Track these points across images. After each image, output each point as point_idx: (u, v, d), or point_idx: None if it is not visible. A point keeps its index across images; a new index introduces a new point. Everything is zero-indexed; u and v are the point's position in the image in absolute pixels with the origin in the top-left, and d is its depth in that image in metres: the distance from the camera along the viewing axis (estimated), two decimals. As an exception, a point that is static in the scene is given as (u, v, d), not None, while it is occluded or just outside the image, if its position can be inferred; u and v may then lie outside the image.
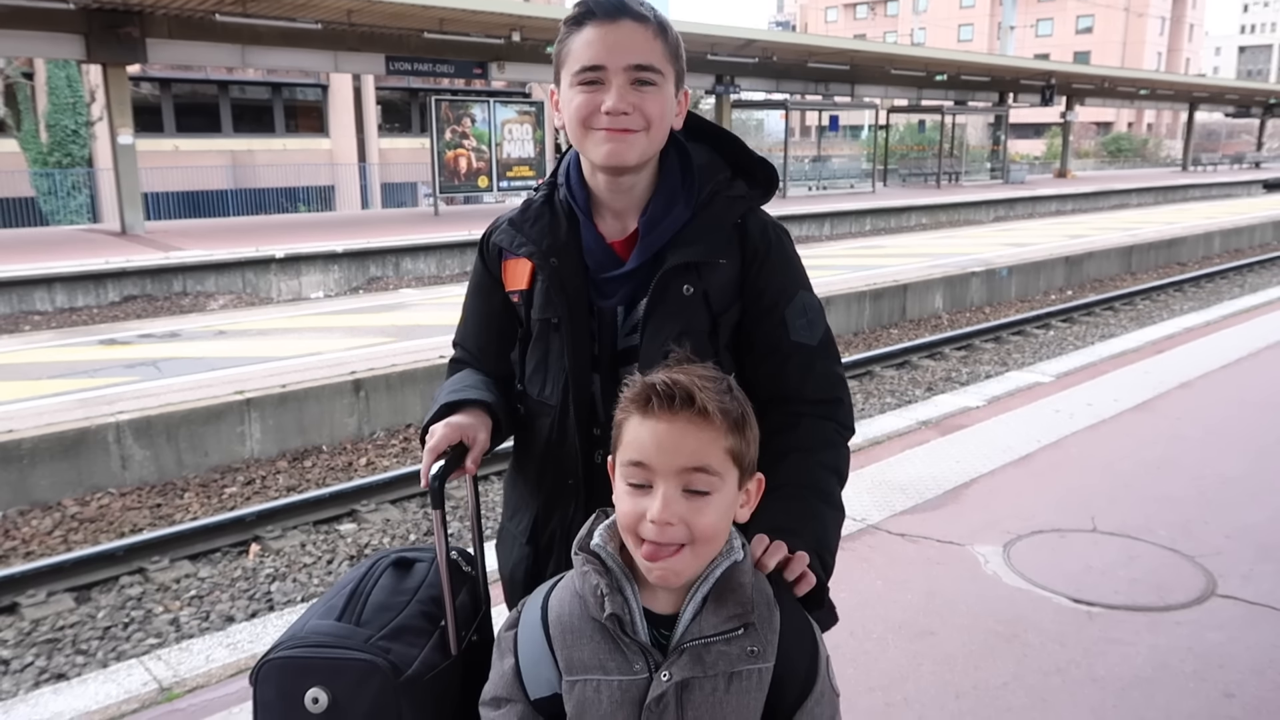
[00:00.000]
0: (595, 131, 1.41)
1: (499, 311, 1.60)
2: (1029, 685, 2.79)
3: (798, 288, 1.53)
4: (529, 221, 1.53)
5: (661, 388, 1.16)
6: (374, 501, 6.04)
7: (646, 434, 1.16)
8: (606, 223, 1.51)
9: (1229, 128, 58.04)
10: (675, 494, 1.15)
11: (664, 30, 1.42)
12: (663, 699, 1.16)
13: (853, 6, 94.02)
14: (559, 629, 1.22)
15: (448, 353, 1.76)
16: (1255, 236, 20.95)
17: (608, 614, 1.19)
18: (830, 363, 1.54)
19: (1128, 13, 73.37)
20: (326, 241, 14.85)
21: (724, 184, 1.52)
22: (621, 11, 1.39)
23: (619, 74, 1.39)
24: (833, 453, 1.51)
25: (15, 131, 23.39)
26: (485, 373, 1.62)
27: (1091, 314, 12.66)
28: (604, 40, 1.39)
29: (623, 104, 1.39)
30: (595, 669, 1.19)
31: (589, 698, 1.18)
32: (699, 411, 1.15)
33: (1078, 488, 4.46)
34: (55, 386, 7.05)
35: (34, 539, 5.55)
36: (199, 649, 3.20)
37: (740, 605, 1.20)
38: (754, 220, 1.52)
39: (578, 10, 1.42)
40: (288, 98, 29.51)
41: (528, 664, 1.24)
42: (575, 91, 1.42)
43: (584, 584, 1.22)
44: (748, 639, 1.19)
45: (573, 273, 1.49)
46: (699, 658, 1.17)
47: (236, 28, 16.52)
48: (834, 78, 27.06)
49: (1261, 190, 37.18)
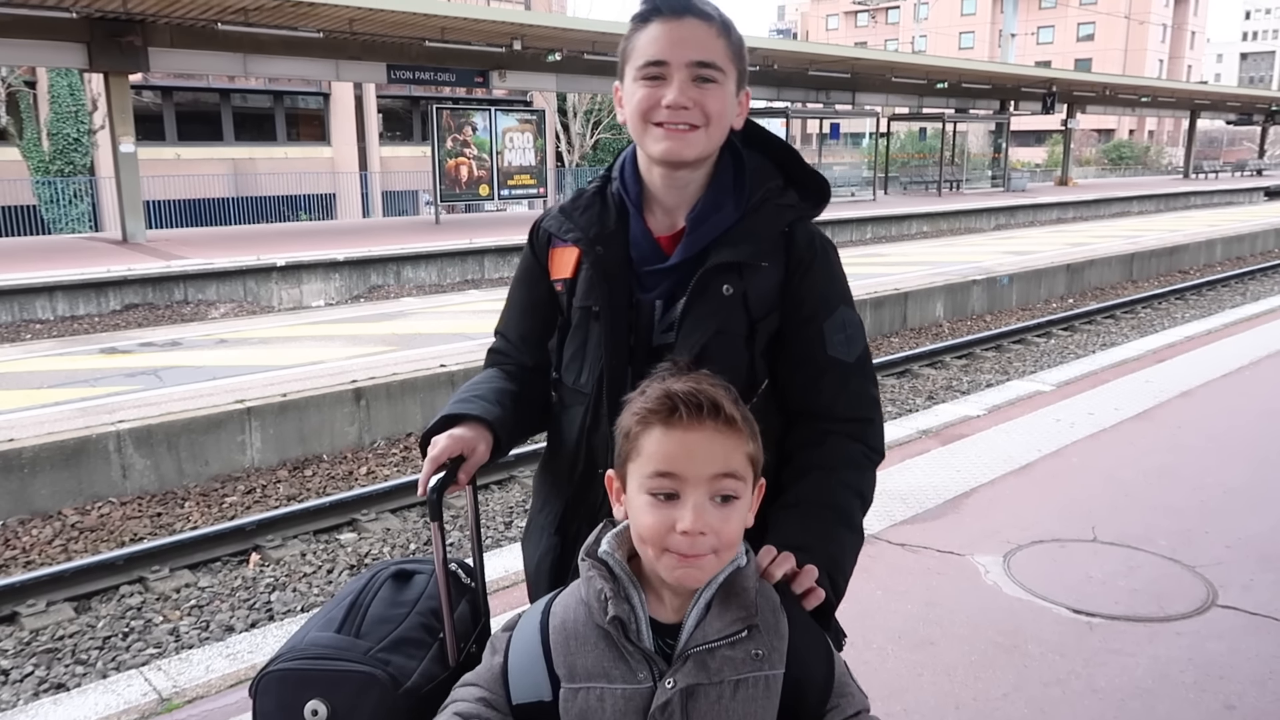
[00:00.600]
0: (655, 127, 1.44)
1: (543, 300, 1.61)
2: (1029, 696, 2.79)
3: (839, 302, 1.53)
4: (579, 210, 1.55)
5: (687, 397, 1.17)
6: (374, 511, 6.04)
7: (674, 444, 1.16)
8: (656, 217, 1.53)
9: (1231, 135, 58.13)
10: (705, 503, 1.16)
11: (727, 29, 1.45)
12: (667, 707, 1.16)
13: (854, 14, 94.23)
14: (561, 635, 1.21)
15: (448, 361, 1.77)
16: (1257, 244, 20.96)
17: (610, 617, 1.18)
18: (865, 382, 1.53)
19: (1129, 20, 73.49)
20: (327, 250, 14.87)
21: (775, 192, 1.53)
22: (686, 9, 1.42)
23: (681, 69, 1.41)
24: (857, 474, 1.49)
25: (17, 140, 23.48)
26: (523, 363, 1.64)
27: (1093, 322, 12.66)
28: (668, 36, 1.42)
29: (683, 98, 1.41)
30: (599, 677, 1.18)
31: (592, 707, 1.17)
32: (725, 420, 1.17)
33: (1078, 497, 4.45)
34: (56, 395, 7.06)
35: (34, 548, 5.55)
36: (199, 659, 3.20)
37: (744, 609, 1.20)
38: (802, 230, 1.53)
39: (644, 8, 1.46)
40: (289, 106, 29.58)
41: (517, 667, 1.23)
42: (638, 86, 1.44)
43: (589, 590, 1.22)
44: (752, 642, 1.19)
45: (617, 262, 1.50)
46: (703, 664, 1.17)
47: (238, 36, 16.58)
48: (835, 85, 27.12)
49: (1263, 198, 37.17)
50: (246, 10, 15.38)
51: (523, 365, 1.65)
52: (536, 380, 1.64)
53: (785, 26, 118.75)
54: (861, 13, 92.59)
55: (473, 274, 15.97)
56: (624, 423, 1.23)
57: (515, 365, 1.66)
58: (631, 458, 1.21)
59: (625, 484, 1.23)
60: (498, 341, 1.71)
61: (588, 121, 34.72)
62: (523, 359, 1.65)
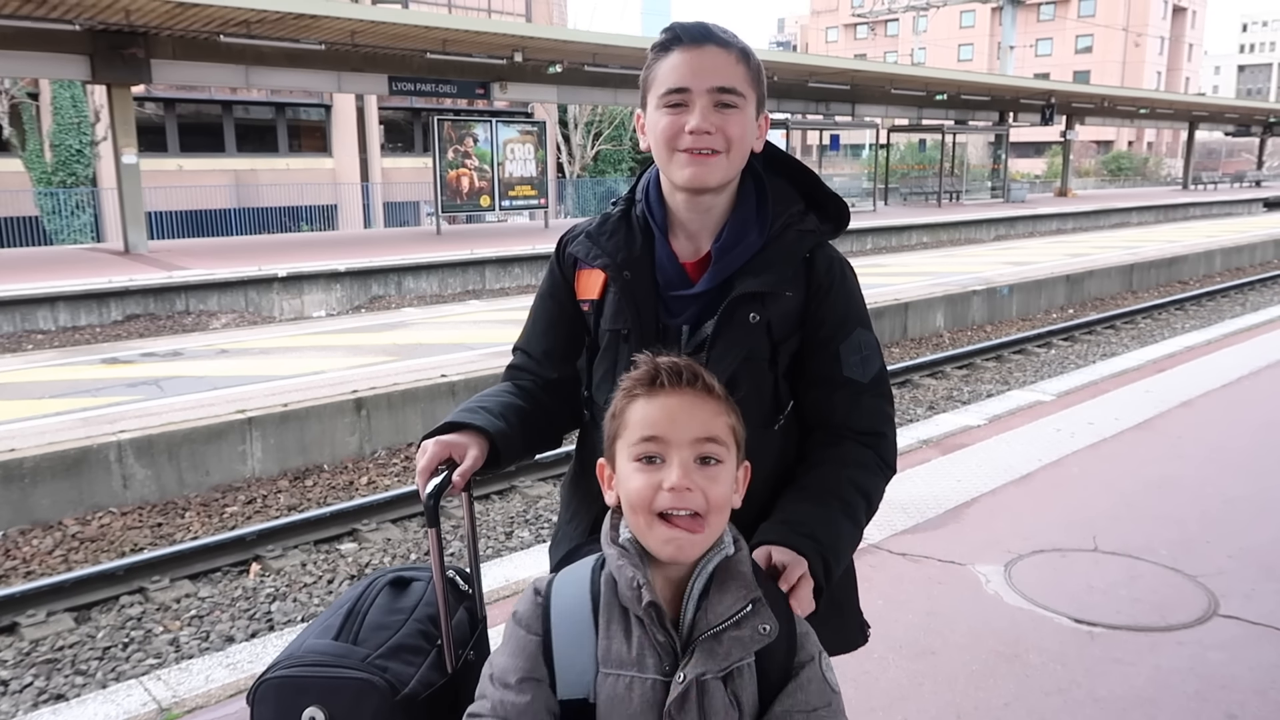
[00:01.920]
0: (679, 153, 1.46)
1: (570, 317, 1.63)
2: (1030, 706, 2.78)
3: (856, 324, 1.56)
4: (606, 235, 1.57)
5: (668, 366, 1.24)
6: (375, 521, 6.04)
7: (657, 409, 1.22)
8: (680, 242, 1.55)
9: (1229, 146, 58.20)
10: (690, 463, 1.20)
11: (746, 56, 1.48)
12: (684, 701, 1.16)
13: (853, 26, 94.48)
14: (606, 617, 1.22)
15: (449, 371, 1.78)
16: (1256, 255, 20.98)
17: (646, 603, 1.19)
18: (879, 400, 1.57)
19: (1127, 32, 73.71)
20: (329, 260, 14.89)
21: (797, 217, 1.56)
22: (706, 37, 1.46)
23: (703, 95, 1.44)
24: (866, 475, 1.52)
25: (20, 151, 23.54)
26: (545, 377, 1.65)
27: (1093, 332, 12.66)
28: (689, 64, 1.45)
29: (706, 124, 1.44)
30: (631, 665, 1.19)
31: (620, 695, 1.18)
32: (704, 387, 1.23)
33: (1079, 507, 4.45)
34: (57, 405, 7.06)
35: (34, 558, 5.54)
36: (198, 669, 3.19)
37: (744, 587, 1.22)
38: (822, 255, 1.56)
39: (664, 37, 1.49)
40: (291, 117, 29.67)
41: (564, 650, 1.22)
42: (661, 114, 1.47)
43: (620, 575, 1.22)
44: (757, 617, 1.20)
45: (644, 288, 1.53)
46: (710, 651, 1.18)
47: (240, 48, 16.64)
48: (835, 97, 27.19)
49: (1262, 209, 37.24)
50: (249, 23, 15.44)
51: (545, 380, 1.66)
52: (556, 396, 1.65)
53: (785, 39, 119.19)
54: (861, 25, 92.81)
55: (474, 284, 15.99)
56: (613, 405, 1.28)
57: (533, 380, 1.67)
58: (619, 434, 1.25)
59: (615, 465, 1.26)
60: (518, 357, 1.72)
61: (588, 133, 34.82)
62: (546, 373, 1.66)
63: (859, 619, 1.68)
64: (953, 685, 2.89)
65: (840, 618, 1.61)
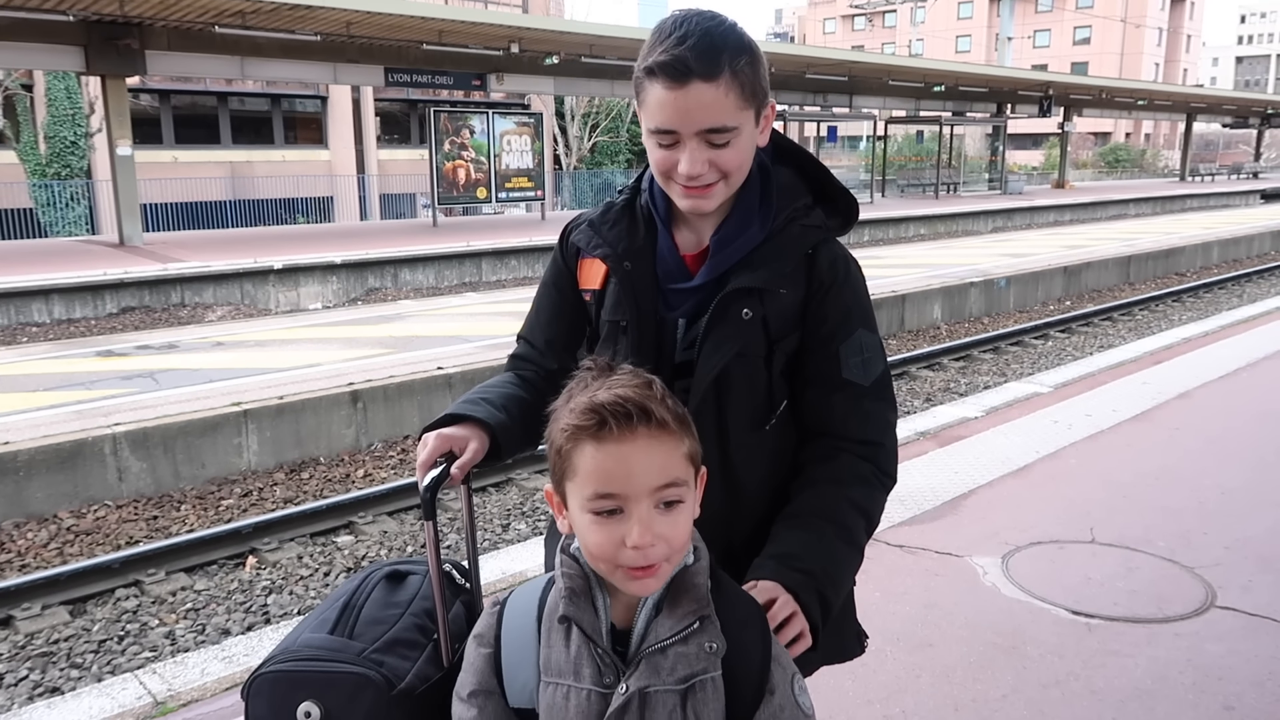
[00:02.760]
0: (674, 184, 1.42)
1: (572, 307, 1.61)
2: (1028, 698, 2.78)
3: (858, 325, 1.50)
4: (608, 224, 1.54)
5: (614, 407, 1.11)
6: (371, 513, 6.02)
7: (610, 461, 1.11)
8: (683, 234, 1.52)
9: (1227, 138, 58.21)
10: (650, 514, 1.11)
11: (736, 75, 1.35)
12: (623, 713, 1.13)
13: (850, 18, 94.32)
14: (547, 627, 1.20)
15: (446, 364, 1.77)
16: (1253, 247, 20.99)
17: (560, 615, 1.17)
18: (880, 405, 1.51)
19: (1125, 24, 73.64)
20: (325, 253, 14.86)
21: (802, 211, 1.50)
22: (687, 74, 1.33)
23: (691, 138, 1.37)
24: (865, 491, 1.47)
25: (14, 143, 23.46)
26: (547, 367, 1.62)
27: (1090, 324, 12.66)
28: (674, 105, 1.35)
29: (696, 168, 1.38)
30: (568, 674, 1.16)
31: (557, 704, 1.16)
32: (658, 424, 1.12)
33: (1076, 499, 4.45)
34: (52, 398, 7.04)
35: (29, 551, 5.53)
36: (194, 662, 3.19)
37: (695, 602, 1.17)
38: (825, 251, 1.50)
39: (649, 64, 1.36)
40: (287, 109, 29.57)
41: (510, 661, 1.21)
42: (653, 144, 1.42)
43: (559, 583, 1.21)
44: (704, 634, 1.15)
45: (644, 279, 1.50)
46: (655, 666, 1.14)
47: (236, 40, 16.58)
48: (832, 89, 27.14)
49: (1259, 200, 37.25)
50: (244, 13, 15.38)
51: (546, 370, 1.63)
52: (551, 388, 1.61)
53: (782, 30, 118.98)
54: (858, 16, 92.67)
55: (470, 277, 15.97)
56: (553, 439, 1.17)
57: (536, 371, 1.64)
58: (568, 476, 1.16)
59: (565, 500, 1.19)
60: (520, 346, 1.70)
61: (585, 124, 34.75)
62: (547, 364, 1.63)
63: (856, 628, 1.65)
64: (950, 677, 2.89)
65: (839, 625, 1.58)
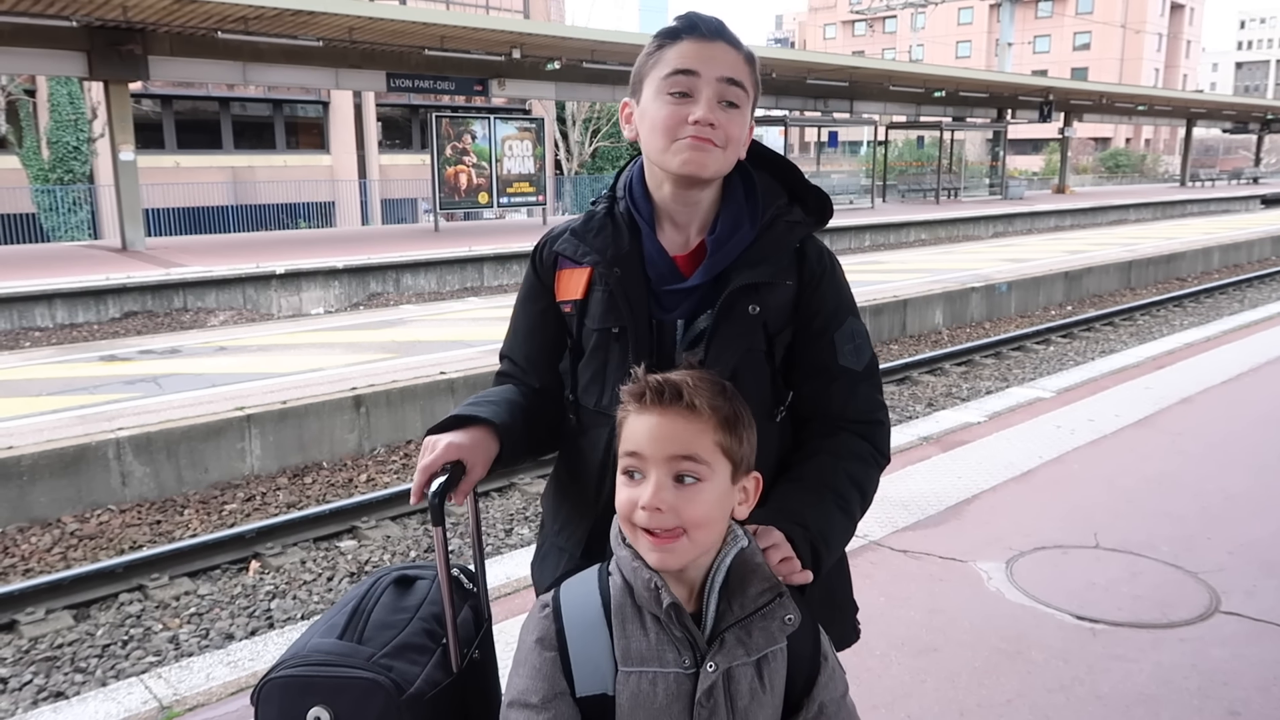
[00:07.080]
0: (678, 143, 1.44)
1: (550, 322, 1.61)
2: (1033, 703, 2.78)
3: (847, 314, 1.57)
4: (593, 232, 1.55)
5: (654, 384, 1.24)
6: (374, 518, 6.03)
7: (641, 426, 1.23)
8: (668, 236, 1.53)
9: (1227, 143, 58.28)
10: (666, 482, 1.20)
11: (751, 61, 1.49)
12: (713, 691, 1.20)
13: (851, 23, 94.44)
14: (619, 618, 1.24)
15: (448, 368, 1.77)
16: (1254, 252, 20.99)
17: (668, 604, 1.21)
18: (873, 389, 1.58)
19: (1125, 29, 73.70)
20: (327, 258, 14.87)
21: (784, 209, 1.56)
22: (719, 33, 1.46)
23: (710, 84, 1.43)
24: (861, 466, 1.52)
25: (17, 148, 23.48)
26: (530, 385, 1.62)
27: (1091, 329, 12.66)
28: (700, 53, 1.44)
29: (711, 116, 1.43)
30: (652, 660, 1.21)
31: (644, 691, 1.20)
32: (687, 405, 1.23)
33: (1080, 504, 4.45)
34: (55, 403, 7.05)
35: (33, 556, 5.53)
36: (199, 667, 3.18)
37: (766, 579, 1.25)
38: (812, 245, 1.56)
39: (678, 24, 1.47)
40: (289, 114, 29.62)
41: (580, 654, 1.24)
42: (662, 101, 1.45)
43: (635, 578, 1.24)
44: (782, 608, 1.24)
45: (635, 283, 1.51)
46: (739, 641, 1.21)
47: (238, 45, 16.60)
48: (833, 94, 27.17)
49: (1260, 206, 37.25)
50: (246, 19, 15.41)
51: (530, 387, 1.63)
52: (544, 403, 1.62)
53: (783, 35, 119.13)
54: (859, 22, 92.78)
55: (472, 282, 15.98)
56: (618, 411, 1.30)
57: (523, 387, 1.64)
58: (618, 440, 1.28)
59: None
60: (505, 365, 1.70)
61: (586, 129, 34.79)
62: (530, 381, 1.63)
63: (853, 617, 1.67)
64: (955, 682, 2.89)
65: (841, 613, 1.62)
